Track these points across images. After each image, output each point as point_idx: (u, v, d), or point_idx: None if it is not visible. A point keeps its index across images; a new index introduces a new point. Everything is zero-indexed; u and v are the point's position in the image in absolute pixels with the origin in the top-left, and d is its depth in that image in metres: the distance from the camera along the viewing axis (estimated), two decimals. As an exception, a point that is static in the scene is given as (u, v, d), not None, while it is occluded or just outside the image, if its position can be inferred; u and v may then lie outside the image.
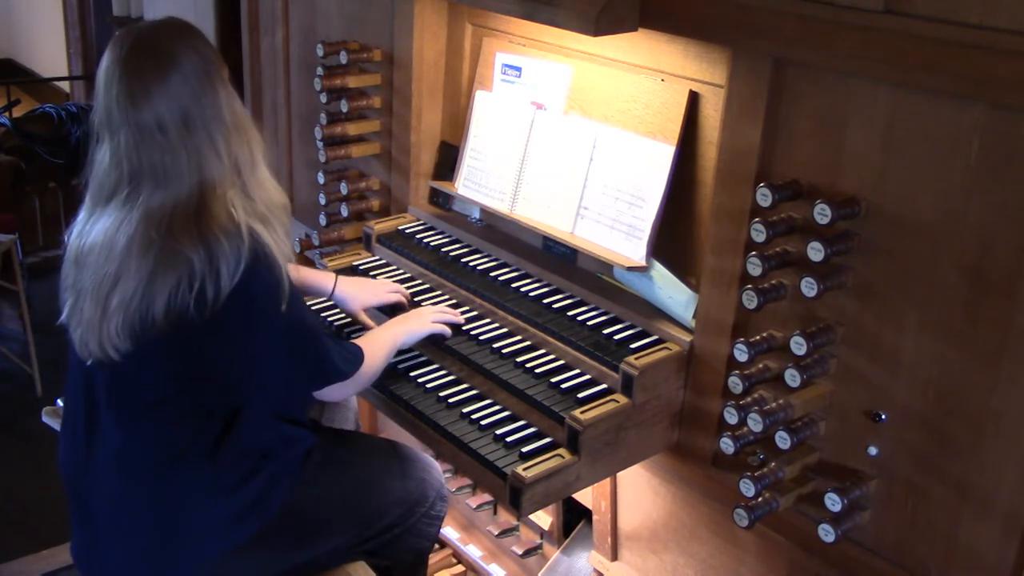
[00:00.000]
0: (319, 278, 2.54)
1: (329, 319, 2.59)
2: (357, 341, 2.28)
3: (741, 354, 1.97)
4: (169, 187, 1.92)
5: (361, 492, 2.32)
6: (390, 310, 2.55)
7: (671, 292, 2.26)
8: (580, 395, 2.16)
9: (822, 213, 1.80)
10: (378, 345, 2.30)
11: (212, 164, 1.94)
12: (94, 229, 1.97)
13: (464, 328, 2.42)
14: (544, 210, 2.54)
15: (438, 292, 2.60)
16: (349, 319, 2.57)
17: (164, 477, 2.04)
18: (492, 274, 2.57)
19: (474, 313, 2.49)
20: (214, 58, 1.99)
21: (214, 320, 1.91)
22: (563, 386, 2.20)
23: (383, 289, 2.57)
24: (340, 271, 2.73)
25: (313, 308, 2.59)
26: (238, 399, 2.04)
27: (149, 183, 1.92)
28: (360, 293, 2.54)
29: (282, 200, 2.07)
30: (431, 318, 2.41)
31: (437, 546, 3.18)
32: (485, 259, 2.64)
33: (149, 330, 1.90)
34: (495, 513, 2.99)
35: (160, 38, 1.96)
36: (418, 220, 2.87)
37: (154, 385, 2.00)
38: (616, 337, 2.26)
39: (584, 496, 2.65)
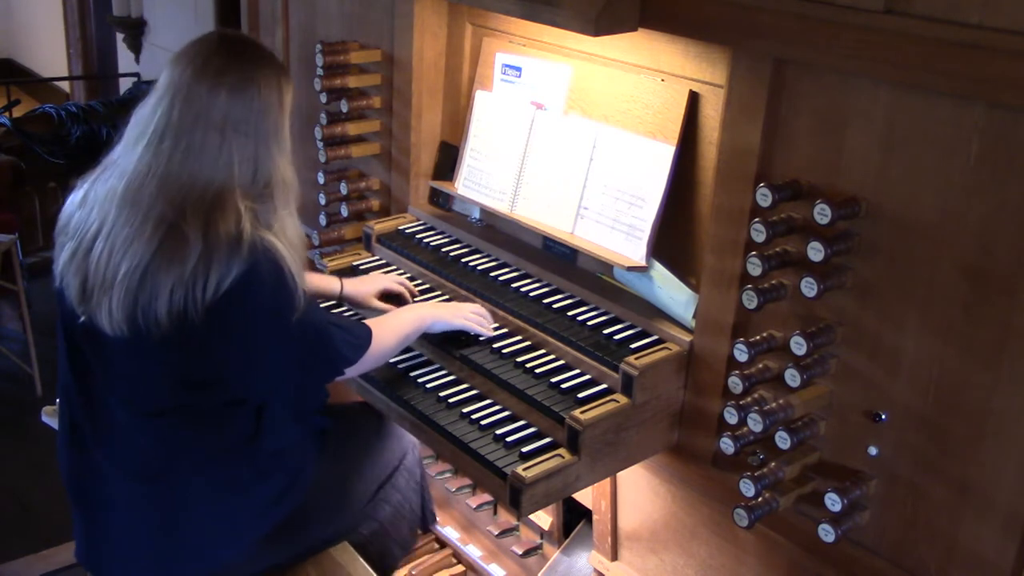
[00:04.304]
0: (325, 282, 2.55)
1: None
2: (372, 321, 2.27)
3: (741, 354, 1.97)
4: (191, 159, 1.92)
5: (355, 463, 2.36)
6: (397, 304, 2.55)
7: (671, 292, 2.26)
8: (580, 395, 2.16)
9: (822, 213, 1.80)
10: (394, 324, 2.30)
11: (244, 173, 1.95)
12: (114, 175, 1.97)
13: (491, 334, 2.40)
14: (544, 210, 2.54)
15: (438, 292, 2.60)
16: (360, 315, 2.56)
17: (181, 482, 2.04)
18: (492, 274, 2.56)
19: (474, 313, 2.50)
20: (288, 100, 2.05)
21: (218, 324, 1.90)
22: (563, 386, 2.20)
23: (388, 278, 2.60)
24: (340, 271, 2.73)
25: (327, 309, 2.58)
26: (253, 402, 2.05)
27: (172, 141, 1.92)
28: (367, 284, 2.56)
29: (300, 245, 2.06)
30: (466, 314, 2.39)
31: (437, 545, 3.19)
32: (485, 259, 2.64)
33: (152, 327, 1.89)
34: (495, 513, 2.99)
35: (261, 51, 2.04)
36: (418, 220, 2.86)
37: (164, 392, 2.00)
38: (616, 337, 2.26)
39: (584, 496, 2.65)
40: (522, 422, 2.20)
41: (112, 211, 1.93)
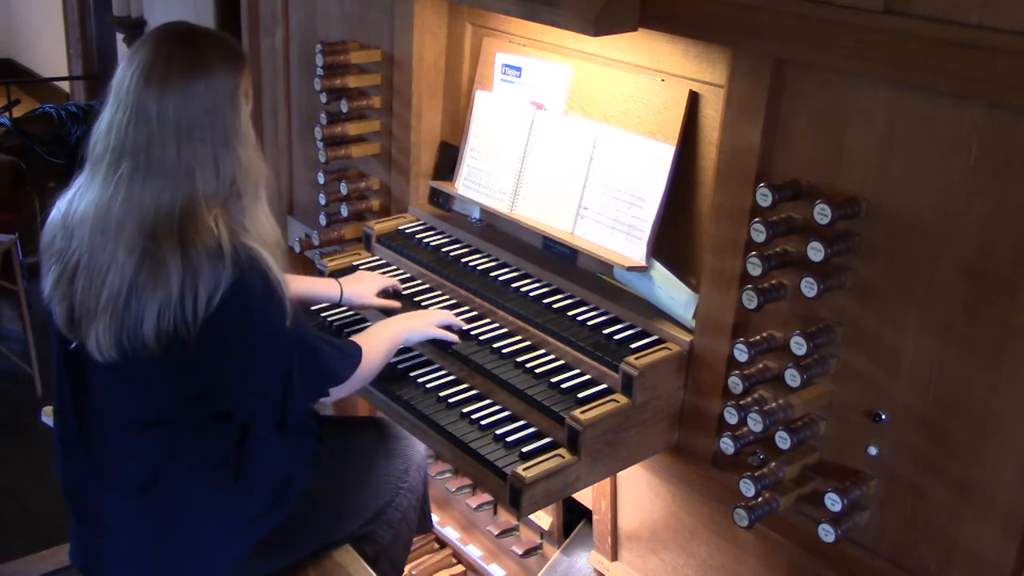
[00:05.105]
0: (324, 286, 2.55)
1: (330, 319, 2.59)
2: (357, 338, 2.27)
3: (741, 354, 1.97)
4: (152, 179, 1.88)
5: (358, 479, 2.35)
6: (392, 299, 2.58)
7: (671, 292, 2.26)
8: (580, 395, 2.16)
9: (822, 213, 1.80)
10: (378, 341, 2.30)
11: (207, 179, 1.91)
12: (85, 198, 1.94)
13: (464, 328, 2.43)
14: (544, 210, 2.54)
15: (438, 292, 2.60)
16: (349, 318, 2.58)
17: (172, 493, 2.04)
18: (492, 274, 2.56)
19: (474, 313, 2.49)
20: (245, 87, 1.98)
21: (210, 339, 1.89)
22: (563, 386, 2.20)
23: (378, 275, 2.63)
24: (339, 271, 2.73)
25: (320, 311, 2.61)
26: (242, 414, 2.04)
27: (130, 163, 1.89)
28: (365, 285, 2.57)
29: (275, 237, 2.04)
30: (436, 321, 2.39)
31: (437, 545, 3.19)
32: (485, 259, 2.64)
33: (140, 350, 1.88)
34: (495, 513, 2.99)
35: (207, 42, 1.95)
36: (418, 220, 2.87)
37: (153, 406, 1.99)
38: (616, 337, 2.26)
39: (584, 496, 2.65)
40: (522, 422, 2.20)
41: (87, 239, 1.91)
